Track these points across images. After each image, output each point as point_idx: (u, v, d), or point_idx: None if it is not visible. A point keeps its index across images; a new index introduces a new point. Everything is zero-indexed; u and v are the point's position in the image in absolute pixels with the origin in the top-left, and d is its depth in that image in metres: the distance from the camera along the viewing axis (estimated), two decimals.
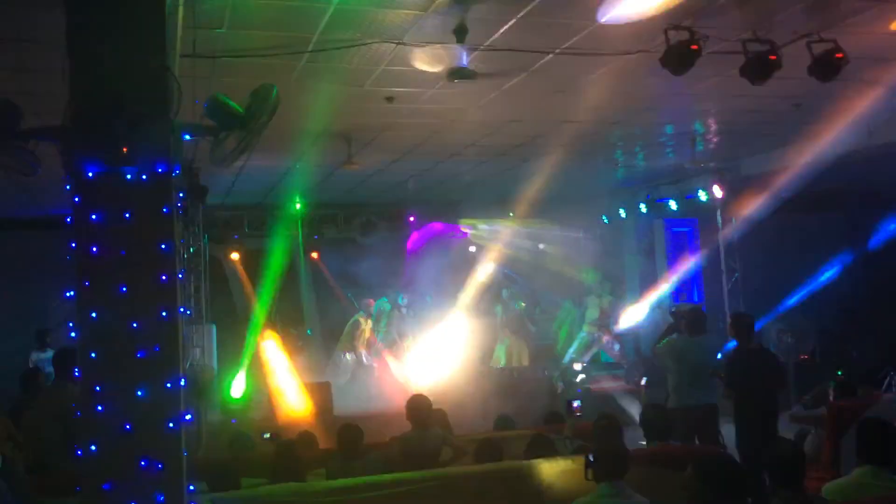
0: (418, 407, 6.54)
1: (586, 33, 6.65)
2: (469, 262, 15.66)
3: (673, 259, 15.57)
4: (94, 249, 4.09)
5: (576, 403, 6.14)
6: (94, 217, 4.10)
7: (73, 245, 4.12)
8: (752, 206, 12.40)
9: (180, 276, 4.29)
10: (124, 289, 4.08)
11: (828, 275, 12.48)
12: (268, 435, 8.96)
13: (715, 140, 11.67)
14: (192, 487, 4.27)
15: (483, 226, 16.41)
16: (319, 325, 15.84)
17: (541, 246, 17.46)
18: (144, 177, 4.16)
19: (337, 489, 5.17)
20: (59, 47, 4.22)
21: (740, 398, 7.55)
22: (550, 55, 7.12)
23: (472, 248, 16.32)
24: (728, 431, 7.91)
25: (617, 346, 15.15)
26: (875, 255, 12.10)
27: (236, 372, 12.48)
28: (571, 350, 15.19)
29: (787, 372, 7.90)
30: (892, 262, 11.77)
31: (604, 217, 16.59)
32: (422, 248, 15.86)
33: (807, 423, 7.84)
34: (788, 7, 6.35)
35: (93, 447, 3.99)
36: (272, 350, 13.00)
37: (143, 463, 3.99)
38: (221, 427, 10.86)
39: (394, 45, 6.62)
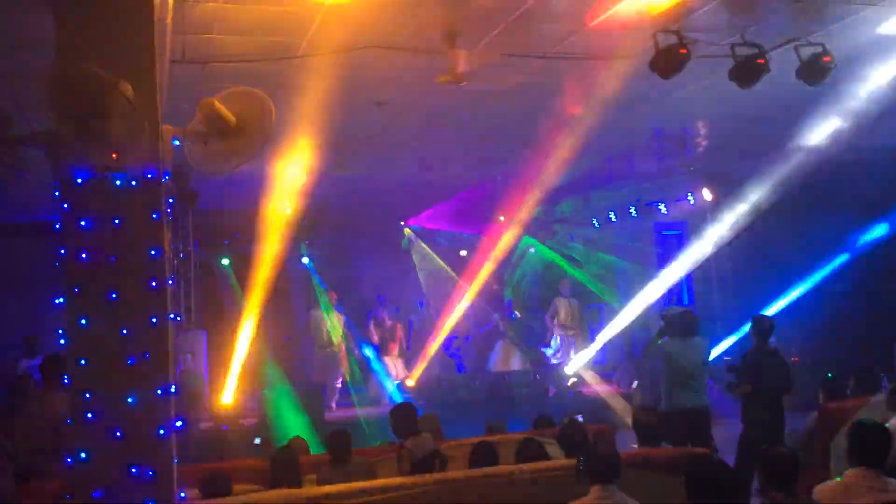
0: (406, 416, 6.44)
1: (576, 37, 6.67)
2: (461, 267, 15.64)
3: (663, 262, 15.61)
4: (84, 256, 4.08)
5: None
6: (83, 223, 4.09)
7: (62, 251, 4.10)
8: (742, 209, 12.45)
9: (170, 281, 4.28)
10: (114, 295, 4.07)
11: (818, 277, 12.51)
12: (258, 440, 8.96)
13: (704, 144, 11.71)
14: (183, 494, 4.25)
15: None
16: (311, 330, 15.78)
17: (531, 250, 17.50)
18: (134, 182, 4.15)
19: (327, 495, 5.15)
20: (48, 52, 4.20)
21: (750, 397, 7.72)
22: (540, 59, 7.13)
23: (463, 252, 16.29)
24: (719, 434, 7.94)
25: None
26: (865, 257, 12.14)
27: (227, 378, 12.43)
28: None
29: (792, 378, 7.99)
30: (883, 264, 11.81)
31: (594, 221, 16.65)
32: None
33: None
34: (776, 11, 6.38)
35: (83, 454, 3.98)
36: (263, 356, 12.96)
37: (133, 470, 3.97)
38: (212, 434, 10.82)
39: (384, 49, 6.62)
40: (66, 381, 4.13)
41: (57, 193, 4.16)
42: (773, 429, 7.49)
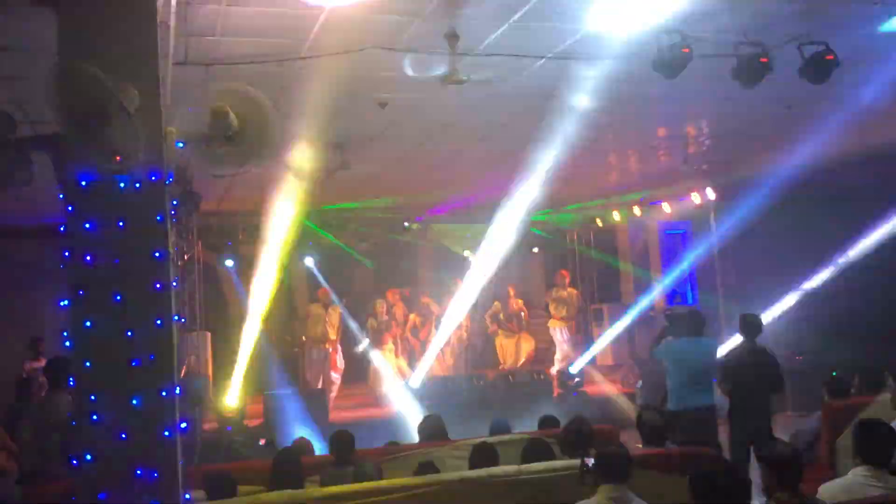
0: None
1: (578, 38, 6.67)
2: (465, 267, 15.61)
3: (667, 261, 15.61)
4: (88, 258, 4.09)
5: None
6: (87, 225, 4.10)
7: (67, 254, 4.11)
8: (746, 208, 12.45)
9: (174, 283, 4.28)
10: (118, 297, 4.08)
11: (822, 275, 12.50)
12: (263, 441, 8.96)
13: (707, 143, 11.69)
14: (188, 496, 4.26)
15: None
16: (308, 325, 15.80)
17: (535, 249, 17.50)
18: (138, 185, 4.16)
19: (331, 496, 5.15)
20: (51, 55, 4.21)
21: (734, 395, 7.74)
22: (542, 60, 7.13)
23: (466, 253, 16.28)
24: (723, 434, 7.92)
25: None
26: (870, 255, 12.12)
27: (231, 379, 12.44)
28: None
29: (783, 377, 7.94)
30: (887, 262, 11.79)
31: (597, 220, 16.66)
32: None
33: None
34: (780, 10, 6.37)
35: (88, 456, 3.98)
36: (268, 357, 12.97)
37: (138, 472, 3.98)
38: (217, 435, 10.83)
39: (386, 50, 6.62)
40: (70, 382, 4.14)
41: (61, 196, 4.17)
42: (758, 430, 7.47)
